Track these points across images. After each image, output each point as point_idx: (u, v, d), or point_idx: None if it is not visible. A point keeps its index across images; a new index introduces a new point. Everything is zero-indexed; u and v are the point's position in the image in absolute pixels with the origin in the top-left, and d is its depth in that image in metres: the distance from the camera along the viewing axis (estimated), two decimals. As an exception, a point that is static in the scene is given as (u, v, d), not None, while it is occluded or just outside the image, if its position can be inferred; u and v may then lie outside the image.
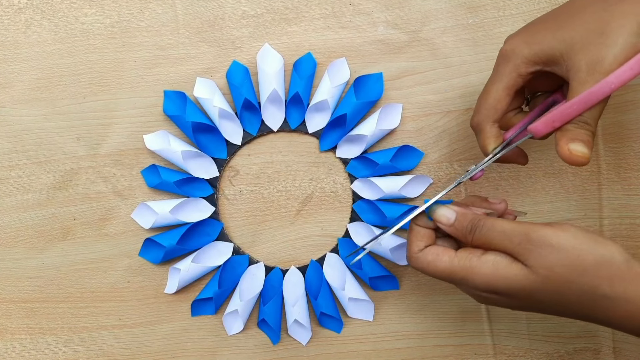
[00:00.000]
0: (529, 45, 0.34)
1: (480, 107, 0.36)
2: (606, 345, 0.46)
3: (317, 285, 0.46)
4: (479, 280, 0.32)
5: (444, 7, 0.45)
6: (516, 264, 0.31)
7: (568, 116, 0.32)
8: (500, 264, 0.32)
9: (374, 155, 0.45)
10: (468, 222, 0.33)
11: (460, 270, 0.33)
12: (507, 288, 0.32)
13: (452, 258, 0.33)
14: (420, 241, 0.35)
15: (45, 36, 0.45)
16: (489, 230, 0.32)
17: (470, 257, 0.33)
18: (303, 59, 0.45)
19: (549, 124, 0.33)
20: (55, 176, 0.46)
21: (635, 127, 0.45)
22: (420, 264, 0.34)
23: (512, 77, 0.34)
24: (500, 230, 0.32)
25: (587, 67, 0.31)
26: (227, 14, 0.45)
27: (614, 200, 0.45)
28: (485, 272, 0.32)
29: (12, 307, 0.47)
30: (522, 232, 0.31)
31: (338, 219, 0.47)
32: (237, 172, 0.47)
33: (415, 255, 0.35)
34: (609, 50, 0.31)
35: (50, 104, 0.45)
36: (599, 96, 0.31)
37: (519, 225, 0.31)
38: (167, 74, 0.45)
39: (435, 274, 0.34)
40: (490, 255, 0.32)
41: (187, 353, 0.47)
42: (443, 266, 0.33)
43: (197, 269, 0.45)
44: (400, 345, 0.47)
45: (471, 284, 0.32)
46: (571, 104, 0.31)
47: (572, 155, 0.32)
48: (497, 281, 0.32)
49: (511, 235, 0.31)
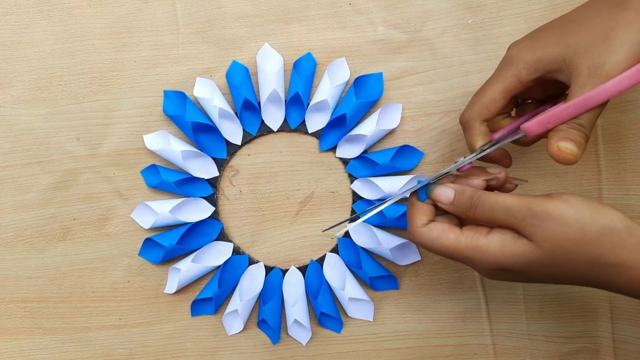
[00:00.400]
0: (533, 51, 0.34)
1: (473, 104, 0.36)
2: (606, 345, 0.46)
3: (317, 285, 0.46)
4: (487, 259, 0.32)
5: (444, 7, 0.45)
6: (522, 240, 0.31)
7: (562, 118, 0.32)
8: (506, 242, 0.32)
9: (374, 155, 0.45)
10: (467, 199, 0.33)
11: (466, 249, 0.33)
12: (515, 264, 0.32)
13: (458, 236, 0.33)
14: (423, 215, 0.35)
15: (45, 36, 0.45)
16: (491, 206, 0.32)
17: (477, 236, 0.33)
18: (303, 59, 0.45)
19: (543, 125, 0.33)
20: (55, 176, 0.46)
21: (635, 127, 0.45)
22: (425, 239, 0.34)
23: (512, 82, 0.35)
24: (503, 206, 0.32)
25: (589, 70, 0.31)
26: (227, 14, 0.45)
27: (614, 200, 0.45)
28: (493, 251, 0.32)
29: (12, 307, 0.47)
30: (525, 207, 0.31)
31: (338, 219, 0.47)
32: (237, 172, 0.47)
33: (418, 229, 0.34)
34: (611, 55, 0.31)
35: (50, 103, 0.45)
36: (594, 102, 0.31)
37: (520, 200, 0.31)
38: (167, 74, 0.45)
39: (440, 251, 0.34)
40: (496, 234, 0.32)
41: (187, 353, 0.47)
42: (449, 243, 0.33)
43: (197, 269, 0.45)
44: (400, 345, 0.47)
45: (479, 262, 0.33)
46: (567, 106, 0.32)
47: (560, 153, 0.32)
48: (505, 259, 0.32)
49: (514, 211, 0.31)
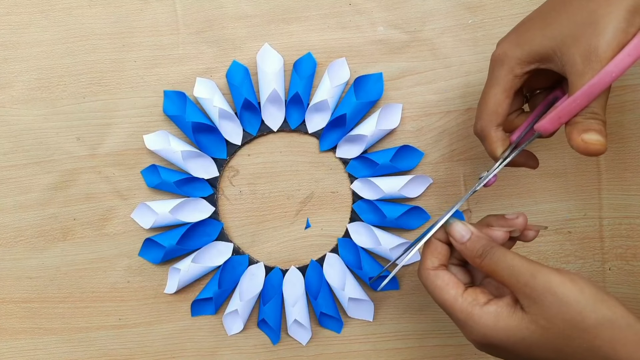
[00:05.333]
0: (520, 46, 0.34)
1: (482, 113, 0.36)
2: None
3: (317, 285, 0.46)
4: (477, 330, 0.31)
5: (444, 7, 0.45)
6: (517, 314, 0.30)
7: (573, 110, 0.32)
8: (501, 315, 0.31)
9: (374, 155, 0.45)
10: (480, 247, 0.32)
11: (460, 312, 0.32)
12: (507, 339, 0.31)
13: (457, 296, 0.32)
14: (435, 257, 0.34)
15: (45, 36, 0.45)
16: (498, 260, 0.31)
17: (474, 303, 0.32)
18: (303, 59, 0.45)
19: (556, 121, 0.32)
20: (55, 176, 0.46)
21: (635, 127, 0.45)
22: (429, 284, 0.34)
23: (508, 79, 0.34)
24: (509, 264, 0.31)
25: (582, 58, 0.31)
26: (227, 14, 0.45)
27: (614, 200, 0.45)
28: (484, 323, 0.31)
29: (12, 307, 0.47)
30: (529, 272, 0.30)
31: (338, 219, 0.47)
32: (237, 172, 0.47)
33: (426, 271, 0.34)
34: (600, 38, 0.30)
35: (50, 104, 0.45)
36: (601, 87, 0.30)
37: (527, 264, 0.30)
38: (167, 74, 0.45)
39: (438, 302, 0.33)
40: (492, 305, 0.31)
41: (187, 353, 0.47)
42: (446, 298, 0.33)
43: (197, 269, 0.45)
44: (400, 345, 0.47)
45: (468, 330, 0.32)
46: (574, 98, 0.31)
47: (588, 145, 0.31)
48: (496, 334, 0.31)
49: (518, 273, 0.30)
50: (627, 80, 0.45)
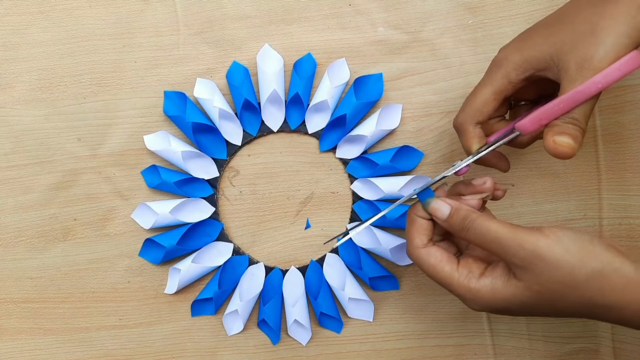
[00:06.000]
0: (521, 52, 0.34)
1: (466, 107, 0.37)
2: (606, 345, 0.46)
3: (317, 285, 0.46)
4: (477, 301, 0.33)
5: (444, 8, 0.45)
6: (511, 283, 0.32)
7: (555, 113, 0.32)
8: (497, 287, 0.32)
9: (373, 156, 0.45)
10: (461, 220, 0.34)
11: (458, 287, 0.33)
12: (507, 305, 0.32)
13: (453, 271, 0.34)
14: (423, 235, 0.36)
15: (46, 37, 0.45)
16: (482, 233, 0.32)
17: (470, 277, 0.33)
18: (303, 60, 0.45)
19: (536, 121, 0.33)
20: (55, 176, 0.46)
21: (635, 127, 0.45)
22: (422, 262, 0.35)
23: (502, 83, 0.35)
24: (494, 236, 0.32)
25: (577, 65, 0.31)
26: (228, 15, 0.45)
27: (614, 201, 0.45)
28: (483, 295, 0.33)
29: (12, 307, 0.47)
30: (516, 243, 0.31)
31: (338, 219, 0.47)
32: (237, 172, 0.47)
33: (417, 250, 0.35)
34: (598, 48, 0.31)
35: (50, 104, 0.45)
36: (585, 95, 0.31)
37: (512, 233, 0.31)
38: (167, 75, 0.45)
39: (434, 279, 0.35)
40: (487, 278, 0.33)
41: (187, 353, 0.47)
42: (443, 276, 0.34)
43: (197, 269, 0.45)
44: (400, 345, 0.47)
45: (470, 303, 0.34)
46: (558, 101, 0.32)
47: (557, 147, 0.32)
48: (496, 303, 0.33)
49: (505, 245, 0.31)
50: (627, 80, 0.45)
